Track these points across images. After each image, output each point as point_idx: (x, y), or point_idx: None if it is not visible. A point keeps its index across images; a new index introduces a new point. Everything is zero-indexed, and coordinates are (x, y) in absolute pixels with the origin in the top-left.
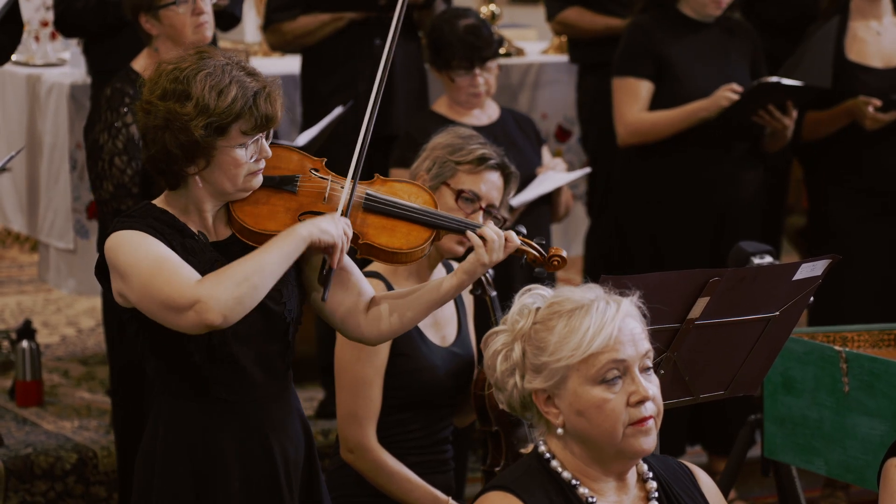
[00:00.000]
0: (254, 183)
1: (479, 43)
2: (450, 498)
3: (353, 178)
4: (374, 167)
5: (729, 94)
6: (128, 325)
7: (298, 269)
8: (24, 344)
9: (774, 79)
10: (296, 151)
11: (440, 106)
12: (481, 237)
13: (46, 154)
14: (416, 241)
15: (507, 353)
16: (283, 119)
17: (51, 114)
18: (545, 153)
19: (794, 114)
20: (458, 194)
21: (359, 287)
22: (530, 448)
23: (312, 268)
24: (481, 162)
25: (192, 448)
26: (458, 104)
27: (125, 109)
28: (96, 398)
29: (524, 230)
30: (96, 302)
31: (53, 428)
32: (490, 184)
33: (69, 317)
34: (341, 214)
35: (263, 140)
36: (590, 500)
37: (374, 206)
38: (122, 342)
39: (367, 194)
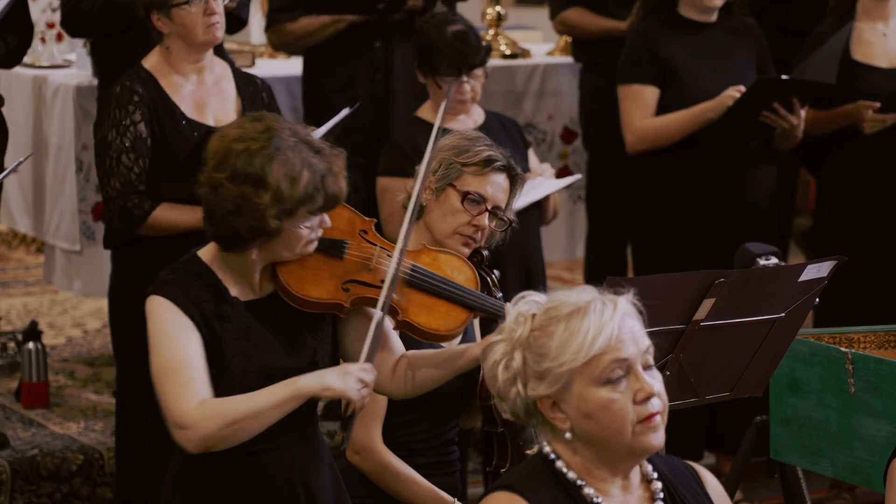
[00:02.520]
0: (309, 249)
1: (467, 50)
2: (455, 499)
3: (396, 265)
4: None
5: (733, 93)
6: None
7: (334, 326)
8: (31, 345)
9: (774, 75)
10: (346, 208)
11: (425, 112)
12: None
13: (52, 156)
14: (453, 324)
15: (508, 362)
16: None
17: (57, 115)
18: (532, 157)
19: (803, 113)
20: (464, 196)
21: (391, 346)
22: (536, 450)
23: (350, 335)
24: (487, 164)
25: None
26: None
27: (133, 108)
28: (102, 399)
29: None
30: (102, 303)
31: (59, 429)
32: (496, 185)
33: (75, 318)
34: (366, 359)
35: (325, 214)
36: (595, 500)
37: (417, 282)
38: (127, 344)
39: (413, 269)
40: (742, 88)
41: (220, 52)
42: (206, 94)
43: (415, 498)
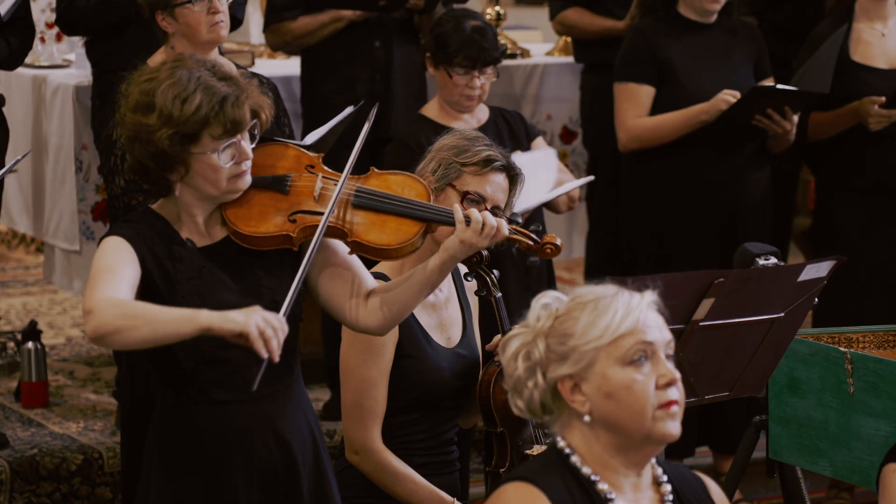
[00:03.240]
0: (239, 185)
1: (485, 44)
2: (455, 499)
3: (340, 185)
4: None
5: (727, 97)
6: None
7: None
8: (30, 345)
9: (769, 84)
10: (293, 147)
11: (429, 110)
12: (467, 217)
13: (52, 155)
14: (405, 236)
15: (528, 352)
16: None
17: (56, 115)
18: (541, 144)
19: (795, 118)
20: (464, 196)
21: (357, 280)
22: (535, 450)
23: (324, 277)
24: (487, 164)
25: (193, 455)
26: (450, 105)
27: None
28: (102, 399)
29: (519, 219)
30: None
31: (59, 429)
32: (496, 185)
33: (75, 318)
34: (284, 312)
35: (243, 143)
36: (609, 496)
37: (363, 202)
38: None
39: (357, 190)
40: (737, 94)
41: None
42: None
43: (414, 498)
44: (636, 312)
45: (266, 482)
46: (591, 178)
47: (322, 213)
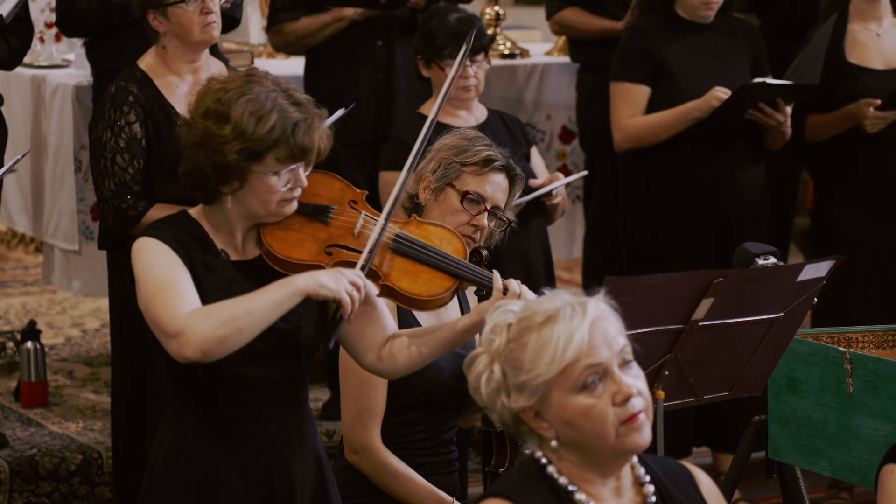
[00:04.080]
0: (286, 209)
1: (472, 31)
2: (454, 499)
3: (384, 221)
4: (372, 170)
5: (719, 94)
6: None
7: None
8: (29, 345)
9: (759, 80)
10: (339, 180)
11: (428, 109)
12: (505, 288)
13: (51, 155)
14: (437, 290)
15: (489, 375)
16: None
17: (56, 115)
18: (536, 156)
19: (788, 110)
20: (464, 196)
21: (382, 322)
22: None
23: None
24: (487, 164)
25: (194, 466)
26: (448, 101)
27: (128, 108)
28: (101, 399)
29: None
30: (101, 303)
31: (58, 429)
32: (495, 185)
33: (74, 318)
34: (361, 266)
35: (300, 169)
36: None
37: (401, 249)
38: (124, 342)
39: (397, 235)
40: (728, 91)
41: (213, 51)
42: None
43: (413, 498)
44: (579, 334)
45: (265, 501)
46: (585, 172)
47: (359, 252)
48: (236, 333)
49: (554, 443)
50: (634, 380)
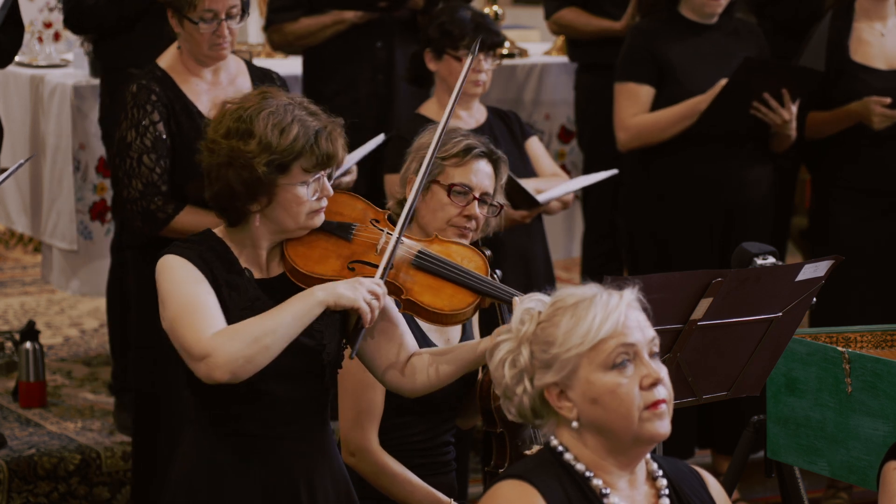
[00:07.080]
0: (315, 221)
1: (491, 27)
2: (452, 500)
3: (398, 234)
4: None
5: (724, 82)
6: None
7: (345, 313)
8: (28, 345)
9: (764, 57)
10: (361, 200)
11: (428, 109)
12: None
13: (50, 155)
14: (459, 305)
15: (514, 359)
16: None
17: (54, 115)
18: (537, 145)
19: (794, 107)
20: (450, 189)
21: (402, 340)
22: (535, 450)
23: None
24: (467, 152)
25: (216, 483)
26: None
27: (151, 107)
28: (100, 399)
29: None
30: (100, 303)
31: (57, 429)
32: (480, 173)
33: (72, 318)
34: (380, 276)
35: (325, 179)
36: (603, 492)
37: (423, 265)
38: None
39: (419, 252)
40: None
41: None
42: (222, 92)
43: (411, 499)
44: (615, 314)
45: None
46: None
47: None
48: (263, 351)
49: (575, 424)
50: (661, 369)
